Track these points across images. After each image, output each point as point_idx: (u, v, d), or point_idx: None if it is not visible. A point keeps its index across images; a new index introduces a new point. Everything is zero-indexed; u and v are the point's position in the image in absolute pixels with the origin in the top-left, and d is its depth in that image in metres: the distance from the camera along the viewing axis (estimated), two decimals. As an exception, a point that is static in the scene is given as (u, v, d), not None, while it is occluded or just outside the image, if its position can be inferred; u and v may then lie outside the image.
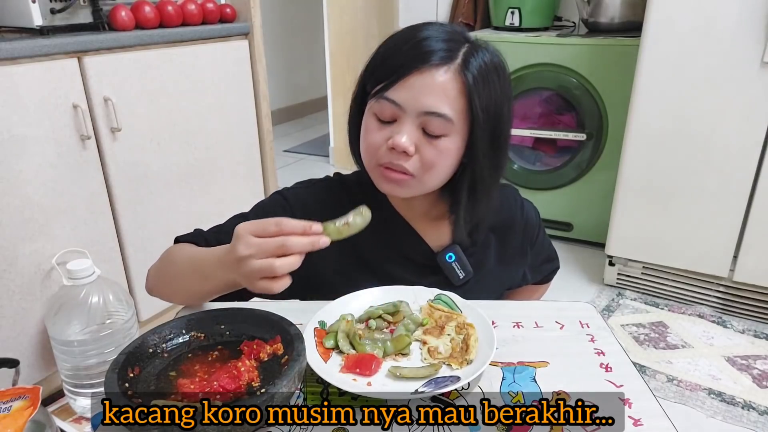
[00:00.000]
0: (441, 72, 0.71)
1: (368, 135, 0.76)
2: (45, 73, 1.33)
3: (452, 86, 0.71)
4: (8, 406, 0.83)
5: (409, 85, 0.71)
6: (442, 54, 0.71)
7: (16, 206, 1.31)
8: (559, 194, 2.43)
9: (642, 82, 1.82)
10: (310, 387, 0.64)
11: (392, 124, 0.74)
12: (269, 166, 2.05)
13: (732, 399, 1.51)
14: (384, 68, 0.74)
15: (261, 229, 0.62)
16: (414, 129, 0.73)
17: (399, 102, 0.72)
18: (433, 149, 0.73)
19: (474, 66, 0.72)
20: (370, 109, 0.75)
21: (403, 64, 0.71)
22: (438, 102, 0.71)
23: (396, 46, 0.75)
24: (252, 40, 1.88)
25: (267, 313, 0.70)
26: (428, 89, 0.71)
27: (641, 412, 0.60)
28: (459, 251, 0.86)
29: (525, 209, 0.95)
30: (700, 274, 1.92)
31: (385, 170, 0.75)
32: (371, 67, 0.77)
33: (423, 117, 0.72)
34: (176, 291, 0.79)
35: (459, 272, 0.86)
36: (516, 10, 2.44)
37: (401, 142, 0.72)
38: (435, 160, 0.74)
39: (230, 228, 0.81)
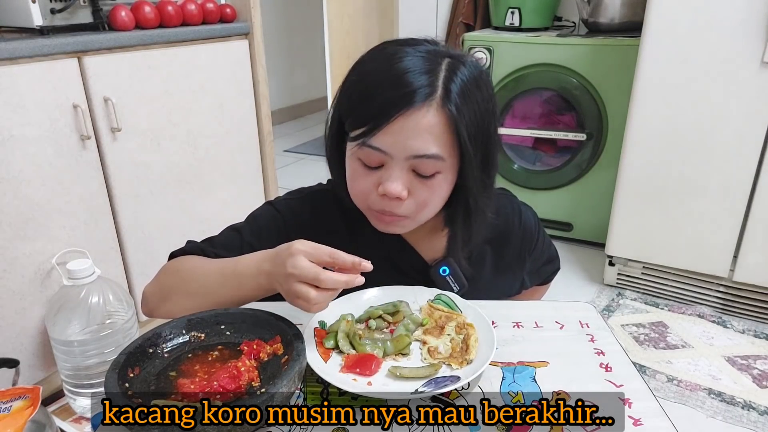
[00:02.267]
0: (424, 111, 0.66)
1: (356, 182, 0.73)
2: (45, 73, 1.33)
3: (438, 122, 0.67)
4: (8, 406, 0.83)
5: (394, 131, 0.67)
6: (424, 91, 0.66)
7: (16, 206, 1.31)
8: (559, 194, 2.43)
9: (642, 82, 1.82)
10: (310, 387, 0.64)
11: (380, 168, 0.70)
12: (269, 166, 2.05)
13: (732, 399, 1.51)
14: (364, 110, 0.68)
15: (314, 255, 0.63)
16: (404, 173, 0.69)
17: (385, 149, 0.68)
18: (427, 189, 0.71)
19: (455, 92, 0.67)
20: (354, 154, 0.71)
21: (385, 108, 0.66)
22: (426, 143, 0.67)
23: (374, 82, 0.69)
24: (252, 40, 1.88)
25: (267, 313, 0.70)
26: (414, 132, 0.67)
27: (641, 412, 0.60)
28: (453, 264, 0.83)
29: (523, 216, 0.91)
30: (700, 274, 1.92)
31: (380, 215, 0.73)
32: (348, 104, 0.72)
33: (413, 160, 0.68)
34: (196, 306, 0.73)
35: (453, 285, 0.84)
36: (516, 10, 2.44)
37: (393, 189, 0.69)
38: (429, 199, 0.72)
39: (224, 242, 0.83)
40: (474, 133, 0.69)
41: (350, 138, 0.71)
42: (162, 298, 0.78)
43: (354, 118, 0.70)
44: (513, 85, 2.35)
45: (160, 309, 0.78)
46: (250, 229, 0.85)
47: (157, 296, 0.79)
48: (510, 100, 2.38)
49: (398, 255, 0.84)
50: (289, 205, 0.86)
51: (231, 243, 0.83)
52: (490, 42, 2.34)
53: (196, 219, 1.74)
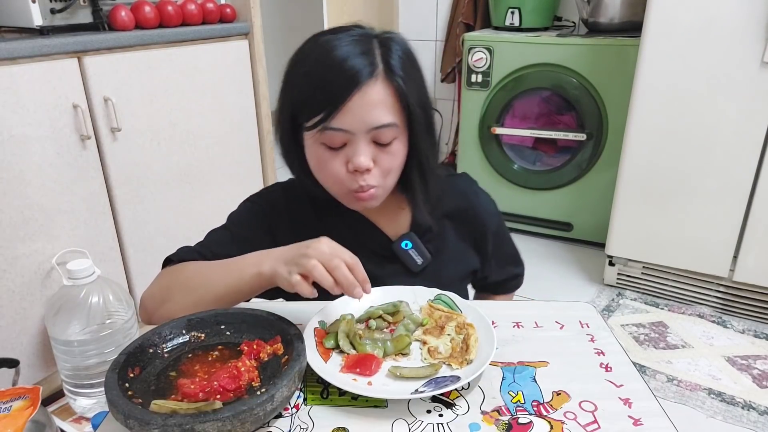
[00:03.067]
0: (373, 85, 0.73)
1: (326, 167, 0.77)
2: (45, 73, 1.33)
3: (386, 93, 0.74)
4: (8, 406, 0.83)
5: (350, 110, 0.72)
6: (367, 69, 0.72)
7: (16, 206, 1.32)
8: (559, 194, 2.43)
9: (642, 82, 1.82)
10: (310, 387, 0.64)
11: (344, 147, 0.76)
12: (269, 166, 2.05)
13: (732, 399, 1.51)
14: (317, 99, 0.74)
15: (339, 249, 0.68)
16: (367, 145, 0.75)
17: (346, 128, 0.73)
18: (388, 155, 0.77)
19: (396, 65, 0.75)
20: (315, 140, 0.76)
21: (337, 92, 0.72)
22: (381, 114, 0.74)
23: (320, 72, 0.74)
24: (252, 40, 1.88)
25: (267, 313, 0.70)
26: (369, 106, 0.73)
27: (641, 412, 0.60)
28: (415, 238, 0.88)
29: (481, 196, 0.96)
30: (700, 274, 1.92)
31: (356, 194, 0.78)
32: (300, 97, 0.77)
33: (373, 132, 0.74)
34: (195, 299, 0.76)
35: (417, 258, 0.88)
36: (516, 10, 2.44)
37: (362, 163, 0.74)
38: (391, 165, 0.78)
39: (215, 243, 0.86)
40: (417, 98, 0.77)
41: (308, 128, 0.76)
42: (162, 300, 0.78)
43: (309, 108, 0.75)
44: (513, 85, 2.35)
45: (160, 311, 0.78)
46: (234, 222, 0.89)
47: (156, 299, 0.80)
48: (510, 100, 2.38)
49: (364, 234, 0.88)
50: (264, 196, 0.92)
51: (221, 238, 0.87)
52: (490, 42, 2.34)
53: (196, 219, 1.74)
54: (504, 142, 2.47)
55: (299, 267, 0.66)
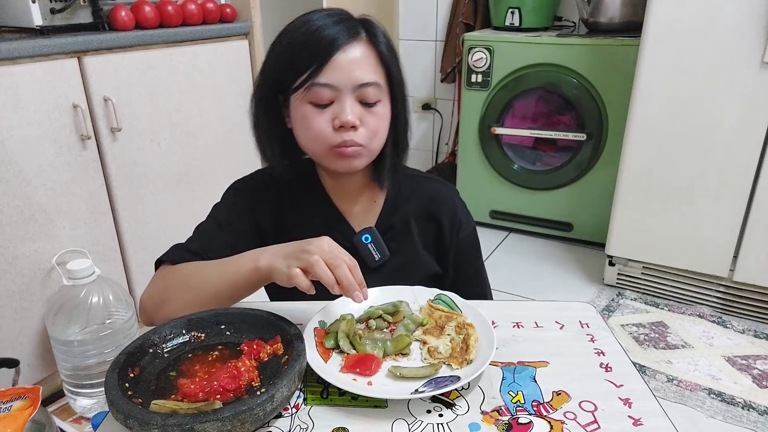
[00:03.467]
0: (357, 46, 0.77)
1: (310, 122, 0.79)
2: (45, 73, 1.33)
3: (370, 56, 0.78)
4: (8, 406, 0.83)
5: (336, 66, 0.75)
6: (350, 31, 0.77)
7: (16, 206, 1.31)
8: (559, 194, 2.43)
9: (642, 82, 1.82)
10: (310, 387, 0.64)
11: (330, 106, 0.78)
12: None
13: (732, 399, 1.51)
14: (302, 59, 0.76)
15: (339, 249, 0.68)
16: (353, 103, 0.77)
17: (333, 83, 0.76)
18: (374, 117, 0.79)
19: (379, 36, 0.79)
20: (303, 100, 0.78)
21: (323, 49, 0.75)
22: (367, 72, 0.77)
23: (303, 37, 0.77)
24: (252, 40, 1.88)
25: (267, 313, 0.70)
26: (355, 63, 0.76)
27: (641, 412, 0.60)
28: (376, 233, 0.89)
29: (458, 207, 0.95)
30: (700, 274, 1.92)
31: (339, 149, 0.79)
32: (283, 63, 0.79)
33: (358, 90, 0.77)
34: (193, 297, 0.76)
35: (374, 254, 0.89)
36: (516, 10, 2.44)
37: (348, 118, 0.76)
38: (377, 126, 0.80)
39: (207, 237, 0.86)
40: (396, 69, 0.81)
41: (294, 89, 0.78)
42: (161, 300, 0.78)
43: (295, 69, 0.77)
44: (513, 85, 2.35)
45: (160, 312, 0.78)
46: (219, 210, 0.90)
47: (155, 300, 0.79)
48: (510, 100, 2.38)
49: (331, 224, 0.90)
50: (244, 184, 0.93)
51: (209, 228, 0.88)
52: (490, 42, 2.34)
53: (196, 219, 1.73)
54: (504, 142, 2.47)
55: (300, 261, 0.67)
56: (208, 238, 0.86)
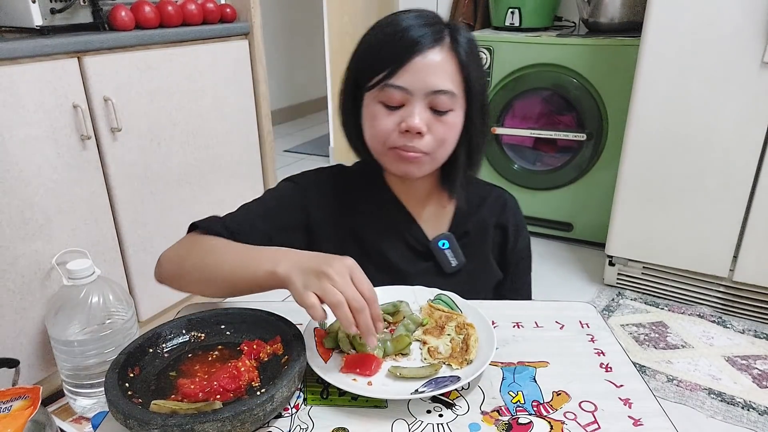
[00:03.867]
0: (437, 51, 0.75)
1: (377, 122, 0.78)
2: (45, 73, 1.33)
3: (449, 63, 0.76)
4: (8, 406, 0.83)
5: (412, 69, 0.74)
6: (434, 36, 0.75)
7: (16, 206, 1.31)
8: (559, 194, 2.43)
9: (642, 82, 1.82)
10: (310, 387, 0.64)
11: (400, 108, 0.77)
12: (269, 166, 2.05)
13: (732, 399, 1.51)
14: (381, 59, 0.76)
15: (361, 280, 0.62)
16: (423, 109, 0.76)
17: (406, 86, 0.75)
18: (443, 125, 0.77)
19: (462, 43, 0.77)
20: (375, 98, 0.78)
21: (402, 51, 0.75)
22: (442, 80, 0.75)
23: (386, 37, 0.77)
24: (252, 40, 1.88)
25: (267, 313, 0.70)
26: (431, 69, 0.75)
27: (641, 412, 0.60)
28: (453, 239, 0.88)
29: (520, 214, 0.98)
30: (700, 274, 1.92)
31: (399, 151, 0.78)
32: (364, 60, 0.80)
33: (430, 96, 0.75)
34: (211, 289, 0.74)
35: (451, 260, 0.88)
36: (516, 10, 2.44)
37: (415, 123, 0.75)
38: (446, 136, 0.78)
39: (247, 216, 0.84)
40: (476, 78, 0.79)
41: (369, 87, 0.78)
42: (178, 266, 0.77)
43: (373, 68, 0.77)
44: (513, 85, 2.35)
45: (172, 280, 0.78)
46: (270, 198, 0.88)
47: (173, 263, 0.78)
48: (510, 100, 2.38)
49: (403, 227, 0.88)
50: (306, 178, 0.91)
51: (253, 210, 0.86)
52: (490, 42, 2.34)
53: (195, 219, 1.73)
54: (504, 142, 2.47)
55: (318, 289, 0.60)
56: (248, 222, 0.83)
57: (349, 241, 0.87)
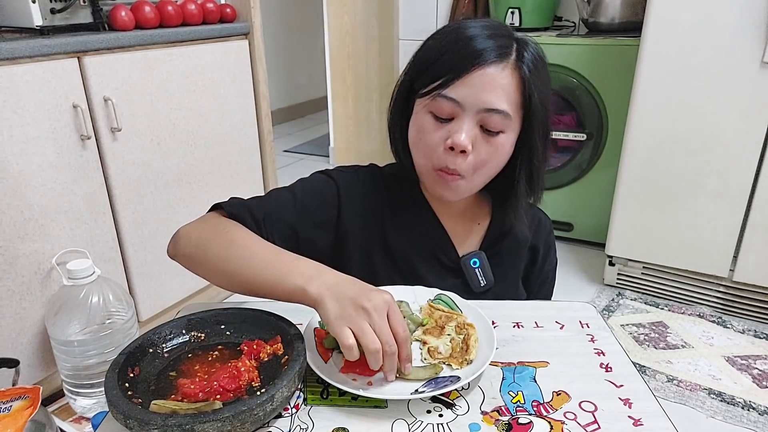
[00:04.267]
0: (500, 68, 0.71)
1: (425, 135, 0.75)
2: (45, 73, 1.33)
3: (510, 82, 0.72)
4: (8, 406, 0.83)
5: (469, 83, 0.71)
6: (498, 51, 0.71)
7: (16, 206, 1.31)
8: (559, 194, 2.43)
9: (642, 82, 1.82)
10: (310, 387, 0.64)
11: (449, 122, 0.73)
12: (269, 166, 2.05)
13: (732, 399, 1.51)
14: (439, 66, 0.73)
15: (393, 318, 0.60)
16: (472, 126, 0.72)
17: (459, 99, 0.71)
18: (489, 147, 0.74)
19: (528, 60, 0.73)
20: (425, 107, 0.75)
21: (462, 62, 0.71)
22: (498, 98, 0.71)
23: (448, 44, 0.73)
24: (252, 40, 1.88)
25: (267, 313, 0.70)
26: (489, 86, 0.71)
27: (641, 412, 0.60)
28: (484, 258, 0.86)
29: (552, 235, 0.96)
30: (700, 274, 1.92)
31: (441, 174, 0.75)
32: (422, 64, 0.76)
33: (483, 114, 0.72)
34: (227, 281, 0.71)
35: (481, 279, 0.86)
36: (516, 10, 2.44)
37: (461, 141, 0.71)
38: (488, 159, 0.74)
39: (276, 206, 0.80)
40: (539, 99, 0.74)
41: (422, 94, 0.74)
42: (196, 248, 0.73)
43: (429, 73, 0.73)
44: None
45: (189, 259, 0.74)
46: (301, 189, 0.83)
47: (192, 243, 0.73)
48: (510, 100, 2.38)
49: (435, 241, 0.86)
50: (343, 176, 0.86)
51: (283, 200, 0.81)
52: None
53: (196, 219, 1.74)
54: (504, 142, 2.46)
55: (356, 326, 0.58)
56: (275, 210, 0.79)
57: (377, 247, 0.84)
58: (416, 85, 0.76)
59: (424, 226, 0.85)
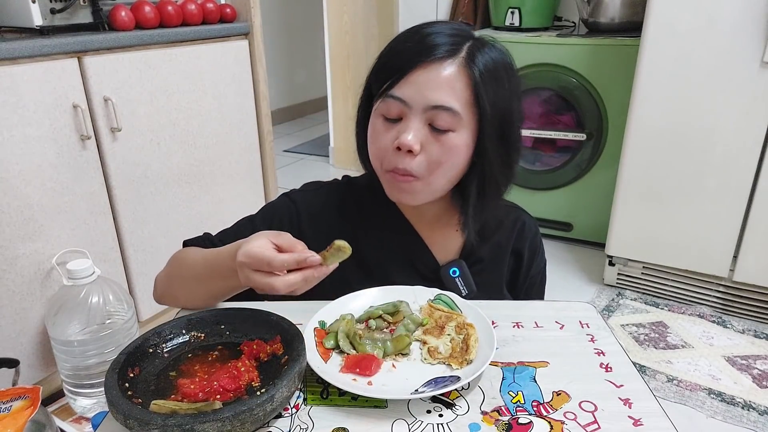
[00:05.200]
0: (445, 65, 0.70)
1: (376, 138, 0.75)
2: (45, 73, 1.33)
3: (458, 79, 0.70)
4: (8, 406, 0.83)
5: (413, 81, 0.70)
6: (446, 48, 0.70)
7: (16, 206, 1.31)
8: (559, 194, 2.43)
9: (642, 82, 1.82)
10: (310, 387, 0.64)
11: (398, 122, 0.73)
12: (269, 166, 2.05)
13: (732, 399, 1.51)
14: (387, 67, 0.73)
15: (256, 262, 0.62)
16: (421, 126, 0.71)
17: (404, 98, 0.70)
18: (440, 146, 0.72)
19: (480, 61, 0.71)
20: (377, 110, 0.74)
21: (407, 60, 0.70)
22: (444, 95, 0.70)
23: (399, 44, 0.73)
24: (252, 40, 1.88)
25: (267, 313, 0.70)
26: (434, 83, 0.69)
27: (641, 412, 0.60)
28: (464, 267, 0.84)
29: (538, 238, 0.93)
30: (700, 274, 1.92)
31: (393, 175, 0.74)
32: (375, 68, 0.76)
33: (429, 112, 0.70)
34: (191, 294, 0.76)
35: (462, 289, 0.84)
36: (516, 10, 2.44)
37: (407, 140, 0.70)
38: (441, 158, 0.72)
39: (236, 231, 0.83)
40: (494, 100, 0.71)
41: (375, 98, 0.74)
42: (167, 287, 0.80)
43: (380, 76, 0.73)
44: (513, 85, 2.34)
45: (165, 298, 0.81)
46: (262, 217, 0.85)
47: (163, 284, 0.81)
48: (510, 100, 2.38)
49: (413, 253, 0.84)
50: (304, 196, 0.86)
51: (243, 232, 0.81)
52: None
53: (196, 219, 1.74)
54: (504, 142, 2.46)
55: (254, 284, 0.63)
56: (232, 234, 0.82)
57: (350, 261, 0.82)
58: (373, 90, 0.76)
59: (398, 235, 0.84)
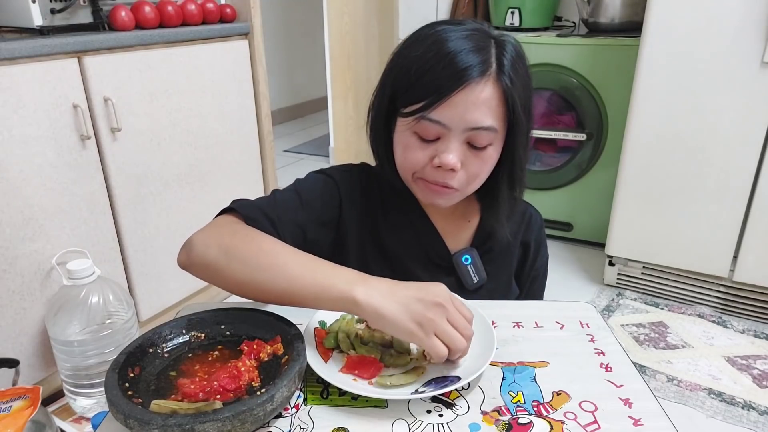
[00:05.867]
0: (481, 85, 0.70)
1: (409, 153, 0.74)
2: (45, 73, 1.33)
3: (493, 96, 0.71)
4: (8, 406, 0.83)
5: (452, 104, 0.69)
6: (479, 68, 0.69)
7: (16, 206, 1.31)
8: (559, 194, 2.43)
9: (642, 82, 1.82)
10: (310, 387, 0.64)
11: (435, 141, 0.73)
12: (269, 166, 2.05)
13: (732, 399, 1.51)
14: (422, 87, 0.71)
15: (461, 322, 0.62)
16: (459, 145, 0.72)
17: (444, 122, 0.70)
18: (478, 161, 0.74)
19: (507, 67, 0.71)
20: (409, 128, 0.73)
21: (444, 84, 0.69)
22: (483, 117, 0.70)
23: (428, 63, 0.71)
24: (252, 40, 1.88)
25: (267, 313, 0.70)
26: (473, 105, 0.70)
27: (641, 412, 0.60)
28: (476, 255, 0.86)
29: (543, 231, 0.95)
30: (700, 274, 1.92)
31: (427, 184, 0.75)
32: (403, 80, 0.73)
33: (469, 132, 0.71)
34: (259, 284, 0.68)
35: (473, 276, 0.86)
36: (516, 10, 2.44)
37: (450, 161, 0.71)
38: (479, 171, 0.75)
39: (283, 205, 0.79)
40: (523, 104, 0.73)
41: (404, 114, 0.73)
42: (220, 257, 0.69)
43: (411, 94, 0.72)
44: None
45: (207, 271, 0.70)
46: (303, 189, 0.82)
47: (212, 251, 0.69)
48: (510, 100, 2.38)
49: (426, 241, 0.86)
50: (342, 176, 0.86)
51: (290, 201, 0.80)
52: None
53: (196, 219, 1.74)
54: (504, 142, 2.47)
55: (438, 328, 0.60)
56: (284, 210, 0.78)
57: (371, 245, 0.85)
58: (398, 103, 0.74)
59: (415, 225, 0.86)
